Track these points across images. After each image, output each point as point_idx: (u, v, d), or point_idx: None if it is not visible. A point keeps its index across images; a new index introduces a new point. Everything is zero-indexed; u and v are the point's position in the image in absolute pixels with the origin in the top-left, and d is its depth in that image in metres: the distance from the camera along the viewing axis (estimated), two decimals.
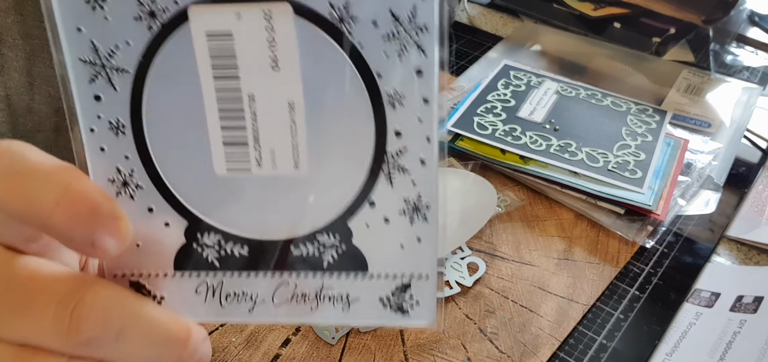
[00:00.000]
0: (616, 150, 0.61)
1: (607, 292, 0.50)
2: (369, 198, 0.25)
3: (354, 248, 0.26)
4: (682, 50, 0.78)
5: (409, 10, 0.23)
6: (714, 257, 0.54)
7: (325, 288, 0.27)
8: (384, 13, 0.23)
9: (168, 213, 0.26)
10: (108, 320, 0.23)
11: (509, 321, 0.48)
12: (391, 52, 0.23)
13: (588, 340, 0.47)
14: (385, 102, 0.24)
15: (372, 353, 0.45)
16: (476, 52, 0.79)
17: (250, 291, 0.27)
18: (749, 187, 0.61)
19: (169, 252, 0.26)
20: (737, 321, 0.47)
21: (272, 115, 0.24)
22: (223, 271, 0.26)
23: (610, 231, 0.55)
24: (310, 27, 0.23)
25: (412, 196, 0.25)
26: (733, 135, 0.66)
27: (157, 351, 0.24)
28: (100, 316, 0.23)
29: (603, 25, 0.82)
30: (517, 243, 0.54)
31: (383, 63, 0.23)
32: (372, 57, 0.23)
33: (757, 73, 0.76)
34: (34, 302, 0.23)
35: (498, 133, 0.62)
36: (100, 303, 0.23)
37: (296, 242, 0.26)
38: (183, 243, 0.26)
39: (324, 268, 0.26)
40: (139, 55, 0.23)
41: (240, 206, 0.26)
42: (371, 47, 0.23)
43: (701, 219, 0.57)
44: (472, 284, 0.50)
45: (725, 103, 0.70)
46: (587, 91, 0.69)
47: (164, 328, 0.24)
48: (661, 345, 0.46)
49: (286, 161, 0.25)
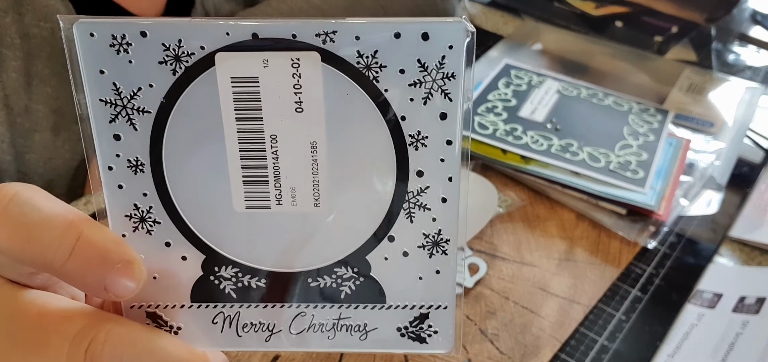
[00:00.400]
0: (617, 150, 0.60)
1: (608, 293, 0.50)
2: (388, 233, 0.26)
3: (372, 280, 0.27)
4: (685, 49, 0.78)
5: (437, 60, 0.23)
6: (716, 258, 0.54)
7: (343, 317, 0.27)
8: (412, 62, 0.23)
9: (185, 247, 0.26)
10: (122, 356, 0.23)
11: (510, 322, 0.47)
12: (416, 97, 0.24)
13: (589, 341, 0.46)
14: (408, 143, 0.24)
15: (372, 354, 0.45)
16: (477, 51, 0.78)
17: (267, 322, 0.27)
18: (752, 187, 0.60)
19: (185, 284, 0.27)
20: (739, 322, 0.47)
21: (294, 155, 0.24)
22: (241, 303, 0.27)
23: (611, 232, 0.55)
24: (336, 72, 0.23)
25: (432, 231, 0.26)
26: (735, 134, 0.66)
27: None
28: (114, 353, 0.23)
29: (605, 24, 0.82)
30: (518, 243, 0.54)
31: (408, 107, 0.24)
32: (397, 101, 0.24)
33: (760, 72, 0.76)
34: (47, 341, 0.23)
35: (499, 132, 0.62)
36: (114, 340, 0.23)
37: (314, 274, 0.26)
38: (200, 276, 0.26)
39: (341, 299, 0.27)
40: (162, 97, 0.24)
41: (258, 240, 0.26)
42: (397, 92, 0.23)
43: (703, 219, 0.57)
44: (472, 285, 0.50)
45: (728, 103, 0.70)
46: (589, 90, 0.69)
47: (179, 360, 0.24)
48: (663, 346, 0.46)
49: (306, 199, 0.25)
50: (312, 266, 0.26)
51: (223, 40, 0.23)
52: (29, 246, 0.23)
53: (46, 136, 0.54)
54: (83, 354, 0.23)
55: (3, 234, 0.23)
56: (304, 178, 0.25)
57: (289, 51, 0.23)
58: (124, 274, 0.23)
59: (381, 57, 0.23)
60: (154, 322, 0.27)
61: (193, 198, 0.25)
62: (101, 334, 0.23)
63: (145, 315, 0.27)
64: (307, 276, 0.26)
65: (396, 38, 0.23)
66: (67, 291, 0.26)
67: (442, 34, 0.23)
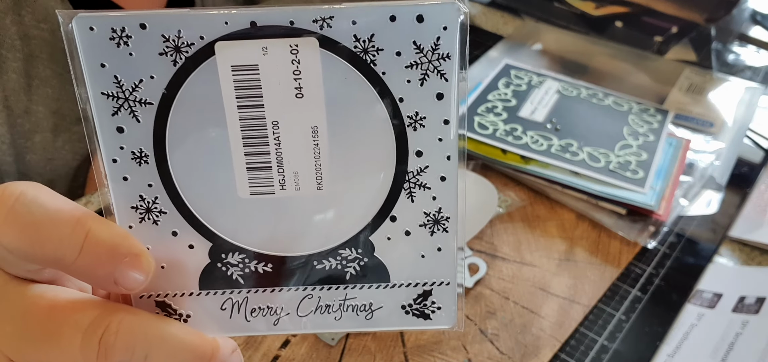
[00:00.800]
0: (617, 150, 0.60)
1: (608, 293, 0.50)
2: (390, 214, 0.26)
3: (376, 260, 0.27)
4: (684, 49, 0.78)
5: (432, 41, 0.23)
6: (716, 258, 0.54)
7: (349, 298, 0.27)
8: (408, 44, 0.23)
9: (192, 235, 0.26)
10: (135, 345, 0.24)
11: (510, 322, 0.47)
12: (413, 78, 0.24)
13: (589, 341, 0.46)
14: (406, 124, 0.25)
15: (372, 354, 0.45)
16: (477, 52, 0.78)
17: (275, 306, 0.27)
18: (752, 187, 0.60)
19: (193, 272, 0.27)
20: (739, 322, 0.47)
21: (296, 140, 0.25)
22: (248, 288, 0.27)
23: (611, 232, 0.55)
24: (334, 57, 0.24)
25: (433, 210, 0.26)
26: (735, 134, 0.66)
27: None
28: (127, 342, 0.24)
29: (604, 24, 0.82)
30: (518, 243, 0.54)
31: (405, 88, 0.24)
32: (394, 83, 0.24)
33: (760, 72, 0.76)
34: (60, 333, 0.23)
35: (499, 132, 0.62)
36: (126, 329, 0.24)
37: (319, 257, 0.27)
38: (207, 263, 0.27)
39: (347, 280, 0.27)
40: (163, 88, 0.24)
41: (263, 225, 0.26)
42: (394, 74, 0.24)
43: (703, 219, 0.57)
44: (472, 285, 0.50)
45: (727, 103, 0.70)
46: (589, 90, 0.69)
47: (190, 346, 0.25)
48: (662, 346, 0.46)
49: (309, 183, 0.26)
50: (317, 249, 0.27)
51: (222, 29, 0.23)
52: (38, 245, 0.23)
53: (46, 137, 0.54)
54: (97, 345, 0.23)
55: (11, 234, 0.23)
56: (306, 163, 0.25)
57: (288, 37, 0.23)
58: (133, 267, 0.24)
59: (377, 40, 0.23)
60: (163, 311, 0.27)
61: (198, 187, 0.26)
62: (113, 324, 0.23)
63: (155, 304, 0.27)
64: (312, 259, 0.27)
65: (391, 21, 0.23)
66: (75, 284, 0.27)
67: (436, 16, 0.23)
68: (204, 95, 0.24)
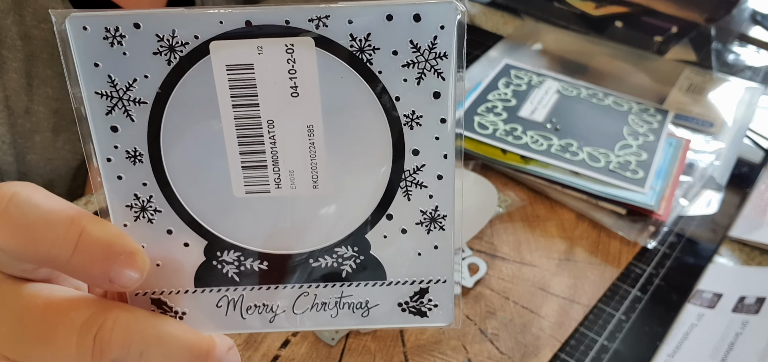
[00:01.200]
0: (617, 150, 0.60)
1: (608, 293, 0.50)
2: (387, 212, 0.26)
3: (372, 258, 0.27)
4: (684, 49, 0.78)
5: (429, 40, 0.23)
6: (716, 258, 0.54)
7: (345, 296, 0.27)
8: (404, 43, 0.23)
9: (187, 234, 0.26)
10: (130, 342, 0.24)
11: (510, 322, 0.47)
12: (410, 77, 0.24)
13: (589, 341, 0.46)
14: (402, 123, 0.25)
15: (372, 354, 0.45)
16: (477, 51, 0.78)
17: (270, 303, 0.27)
18: (752, 187, 0.60)
19: (189, 270, 0.27)
20: (739, 322, 0.47)
21: (291, 139, 0.25)
22: (244, 285, 0.27)
23: (611, 232, 0.55)
24: (331, 57, 0.24)
25: (429, 208, 0.26)
26: (735, 134, 0.66)
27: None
28: (123, 339, 0.24)
29: (604, 24, 0.82)
30: (518, 243, 0.54)
31: (402, 87, 0.24)
32: (391, 82, 0.24)
33: (760, 72, 0.76)
34: (55, 331, 0.23)
35: (499, 132, 0.62)
36: (122, 327, 0.24)
37: (315, 255, 0.27)
38: (203, 261, 0.27)
39: (343, 278, 0.27)
40: (157, 87, 0.24)
41: (259, 224, 0.26)
42: (390, 73, 0.24)
43: (703, 219, 0.57)
44: (472, 285, 0.50)
45: (727, 103, 0.70)
46: (588, 90, 0.69)
47: (186, 344, 0.25)
48: (662, 346, 0.46)
49: (304, 181, 0.26)
50: (313, 247, 0.27)
51: (216, 28, 0.23)
52: (33, 246, 0.23)
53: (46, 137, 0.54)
54: (92, 342, 0.23)
55: (5, 234, 0.23)
56: (302, 162, 0.25)
57: (283, 37, 0.23)
58: (127, 265, 0.24)
59: (374, 39, 0.23)
60: (159, 308, 0.27)
61: (193, 186, 0.26)
62: (108, 322, 0.23)
63: (150, 302, 0.27)
64: (308, 257, 0.27)
65: (388, 20, 0.23)
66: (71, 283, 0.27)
67: (433, 15, 0.23)
68: (199, 94, 0.24)
